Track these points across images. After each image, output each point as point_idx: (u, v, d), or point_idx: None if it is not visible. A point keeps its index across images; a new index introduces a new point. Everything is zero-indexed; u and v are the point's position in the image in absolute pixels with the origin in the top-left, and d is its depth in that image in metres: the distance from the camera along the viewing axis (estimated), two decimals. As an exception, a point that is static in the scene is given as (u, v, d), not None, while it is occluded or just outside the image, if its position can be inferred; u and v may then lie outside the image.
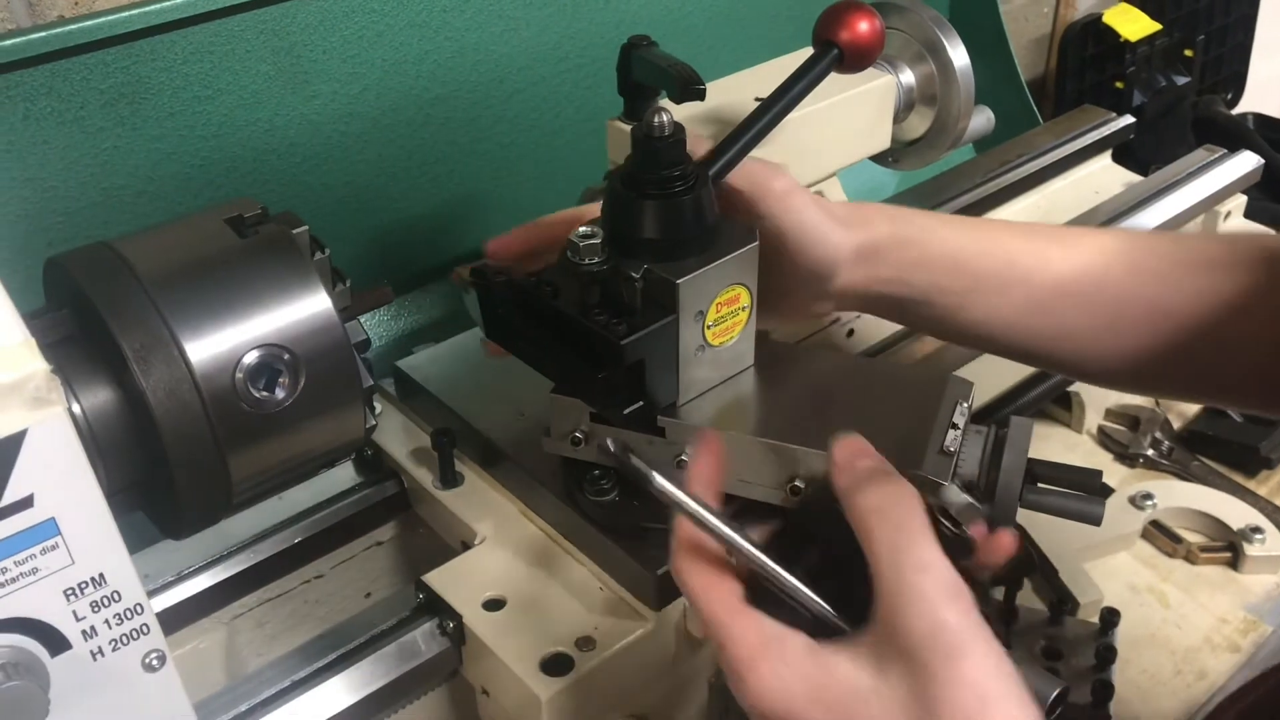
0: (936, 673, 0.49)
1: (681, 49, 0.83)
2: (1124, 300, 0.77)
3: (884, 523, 0.53)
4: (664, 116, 0.68)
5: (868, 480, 0.55)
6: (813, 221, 0.74)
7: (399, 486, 0.89)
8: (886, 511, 0.53)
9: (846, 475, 0.56)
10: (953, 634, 0.50)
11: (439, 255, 1.09)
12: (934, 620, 0.50)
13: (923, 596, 0.50)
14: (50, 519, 0.48)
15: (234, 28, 0.90)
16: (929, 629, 0.50)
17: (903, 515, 0.53)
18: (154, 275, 0.59)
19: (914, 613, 0.50)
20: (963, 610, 0.50)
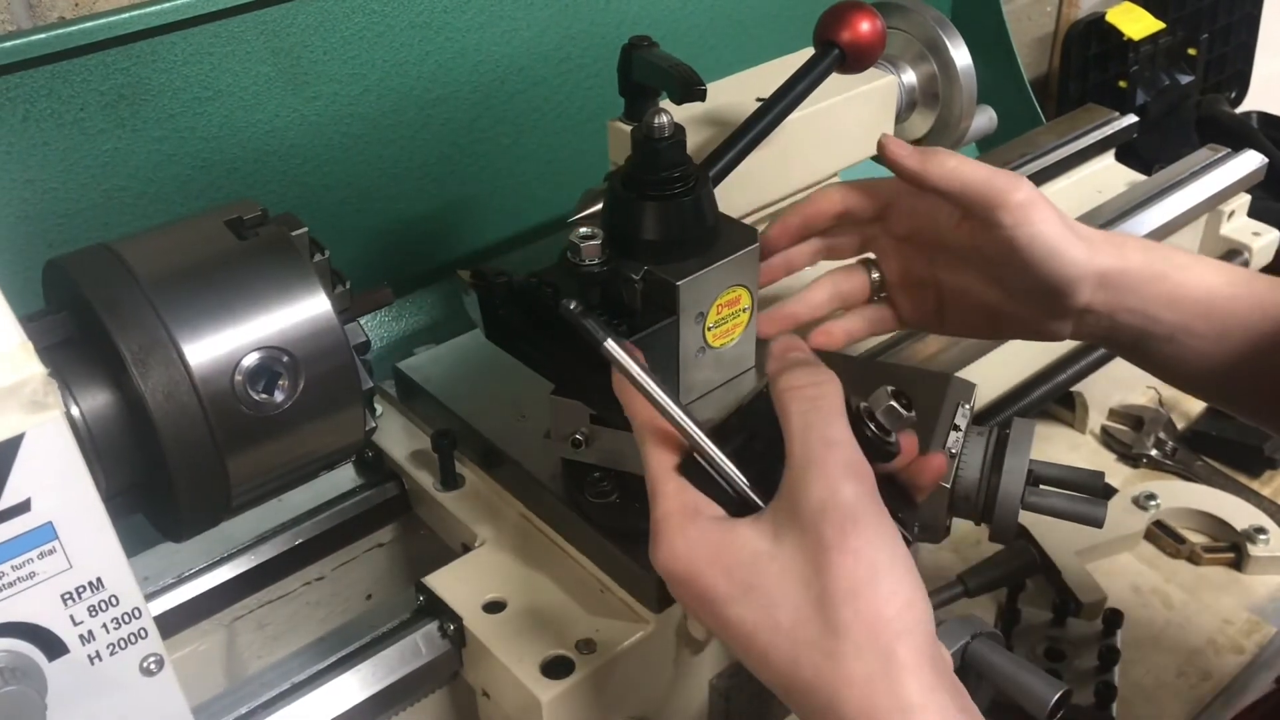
0: (829, 541, 0.51)
1: (683, 49, 0.83)
2: None
3: (799, 399, 0.55)
4: (664, 118, 0.68)
5: (794, 365, 0.58)
6: (1054, 235, 0.73)
7: (400, 488, 0.89)
8: (804, 389, 0.56)
9: (775, 362, 0.60)
10: (847, 506, 0.52)
11: (440, 256, 1.09)
12: (831, 491, 0.52)
13: (824, 469, 0.53)
14: (47, 523, 0.48)
15: (234, 29, 0.90)
16: (825, 499, 0.52)
17: (818, 394, 0.56)
18: (153, 277, 0.59)
19: (814, 483, 0.52)
20: (860, 487, 0.53)
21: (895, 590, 0.51)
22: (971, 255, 0.77)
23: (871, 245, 0.83)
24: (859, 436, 0.56)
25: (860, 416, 0.57)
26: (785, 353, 0.60)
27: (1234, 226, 1.25)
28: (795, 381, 0.56)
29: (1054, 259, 0.73)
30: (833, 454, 0.53)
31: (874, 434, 0.57)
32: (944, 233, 0.78)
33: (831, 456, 0.53)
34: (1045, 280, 0.73)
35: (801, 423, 0.55)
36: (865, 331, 0.84)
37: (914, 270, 0.81)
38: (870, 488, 0.53)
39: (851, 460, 0.53)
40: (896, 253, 0.82)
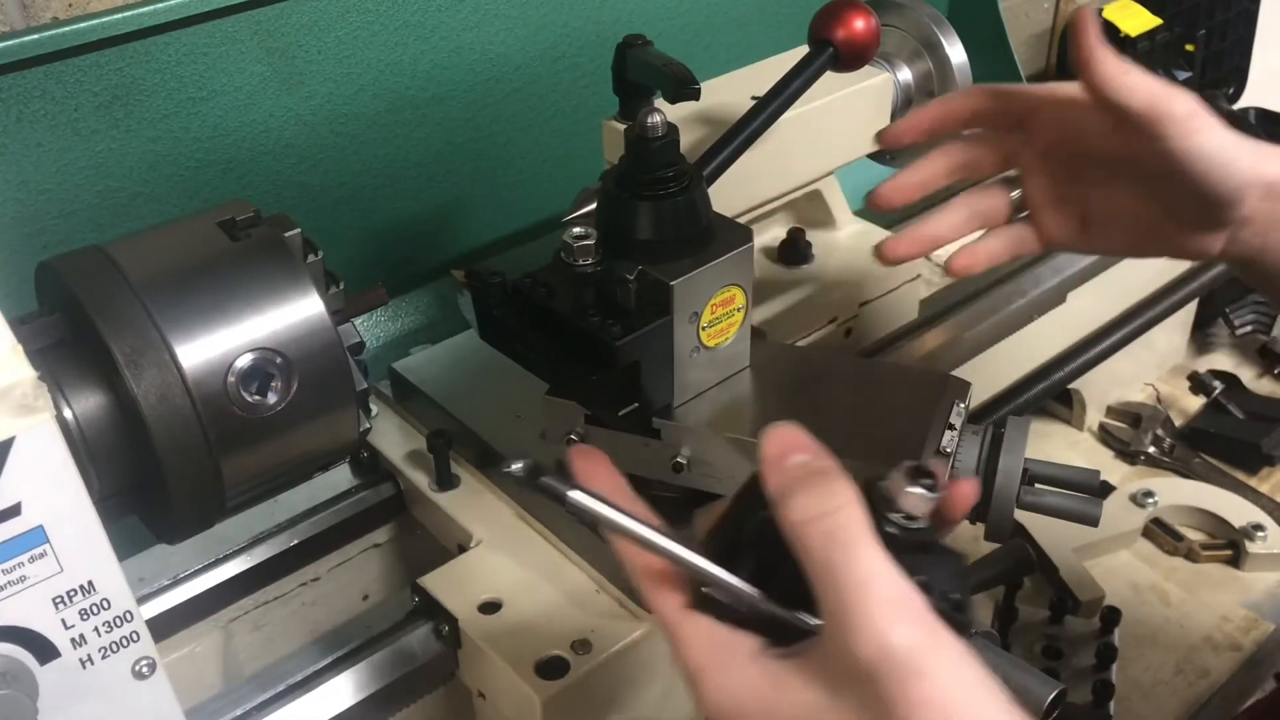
0: (892, 697, 0.45)
1: (677, 48, 0.83)
2: None
3: (813, 535, 0.48)
4: (657, 117, 0.68)
5: (796, 485, 0.49)
6: (1221, 143, 0.69)
7: (395, 489, 0.89)
8: (818, 522, 0.48)
9: (774, 476, 0.50)
10: (902, 656, 0.45)
11: (436, 255, 1.09)
12: (880, 644, 0.45)
13: (865, 617, 0.46)
14: (38, 527, 0.48)
15: (228, 29, 0.89)
16: (876, 653, 0.45)
17: (834, 526, 0.47)
18: (145, 279, 0.59)
19: (858, 636, 0.46)
20: (912, 624, 0.46)
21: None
22: (1124, 167, 0.73)
23: (1012, 161, 0.79)
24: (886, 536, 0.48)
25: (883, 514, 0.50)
26: (782, 458, 0.50)
27: (1231, 223, 1.25)
28: (805, 513, 0.48)
29: (1220, 168, 0.69)
30: (869, 597, 0.46)
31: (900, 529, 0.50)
32: (1093, 144, 0.74)
33: (870, 600, 0.46)
34: (1209, 190, 0.70)
35: (824, 565, 0.47)
36: (1007, 253, 0.80)
37: (1058, 185, 0.77)
38: (920, 619, 0.46)
39: (892, 599, 0.46)
40: (1039, 167, 0.78)
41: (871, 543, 0.47)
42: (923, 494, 0.49)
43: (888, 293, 0.97)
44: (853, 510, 0.48)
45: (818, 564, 0.47)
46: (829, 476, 0.49)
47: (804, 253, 0.96)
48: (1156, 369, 1.33)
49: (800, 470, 0.49)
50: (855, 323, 0.95)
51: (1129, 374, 1.28)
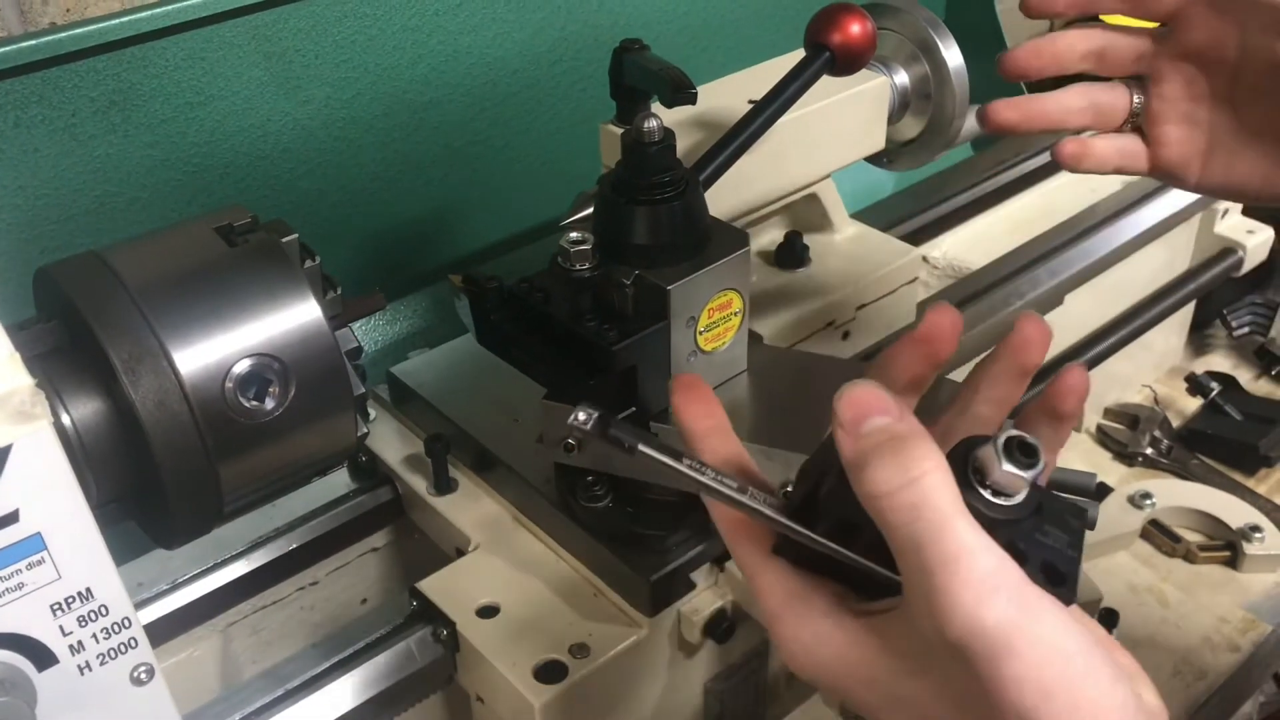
0: (984, 674, 0.42)
1: (674, 52, 0.83)
2: None
3: (897, 509, 0.44)
4: (653, 122, 0.68)
5: (874, 453, 0.45)
6: None
7: (393, 493, 0.89)
8: (900, 495, 0.44)
9: (850, 443, 0.46)
10: (993, 635, 0.42)
11: (434, 259, 1.09)
12: (971, 623, 0.42)
13: (952, 597, 0.42)
14: (36, 534, 0.47)
15: (226, 34, 0.89)
16: (966, 633, 0.42)
17: (918, 499, 0.43)
18: (143, 285, 0.59)
19: (947, 615, 0.43)
20: (1004, 601, 0.42)
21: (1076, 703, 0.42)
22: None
23: (1147, 62, 0.72)
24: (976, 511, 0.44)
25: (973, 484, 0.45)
26: (859, 423, 0.46)
27: (1228, 224, 1.25)
28: (885, 485, 0.44)
29: None
30: (959, 574, 0.42)
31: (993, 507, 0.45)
32: (1252, 47, 0.67)
33: (958, 578, 0.42)
34: None
35: (909, 537, 0.43)
36: (1115, 163, 0.75)
37: (1194, 98, 0.71)
38: (1015, 593, 0.43)
39: (982, 574, 0.42)
40: (1177, 73, 0.71)
41: (959, 514, 0.43)
42: (1018, 474, 0.44)
43: (885, 295, 0.97)
44: (937, 478, 0.44)
45: (901, 539, 0.44)
46: (910, 441, 0.45)
47: (801, 256, 0.96)
48: (1154, 370, 1.33)
49: (879, 435, 0.45)
50: (853, 325, 0.95)
51: (1127, 375, 1.28)
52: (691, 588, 0.76)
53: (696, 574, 0.76)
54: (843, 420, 0.46)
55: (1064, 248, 1.11)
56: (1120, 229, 1.14)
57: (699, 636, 0.75)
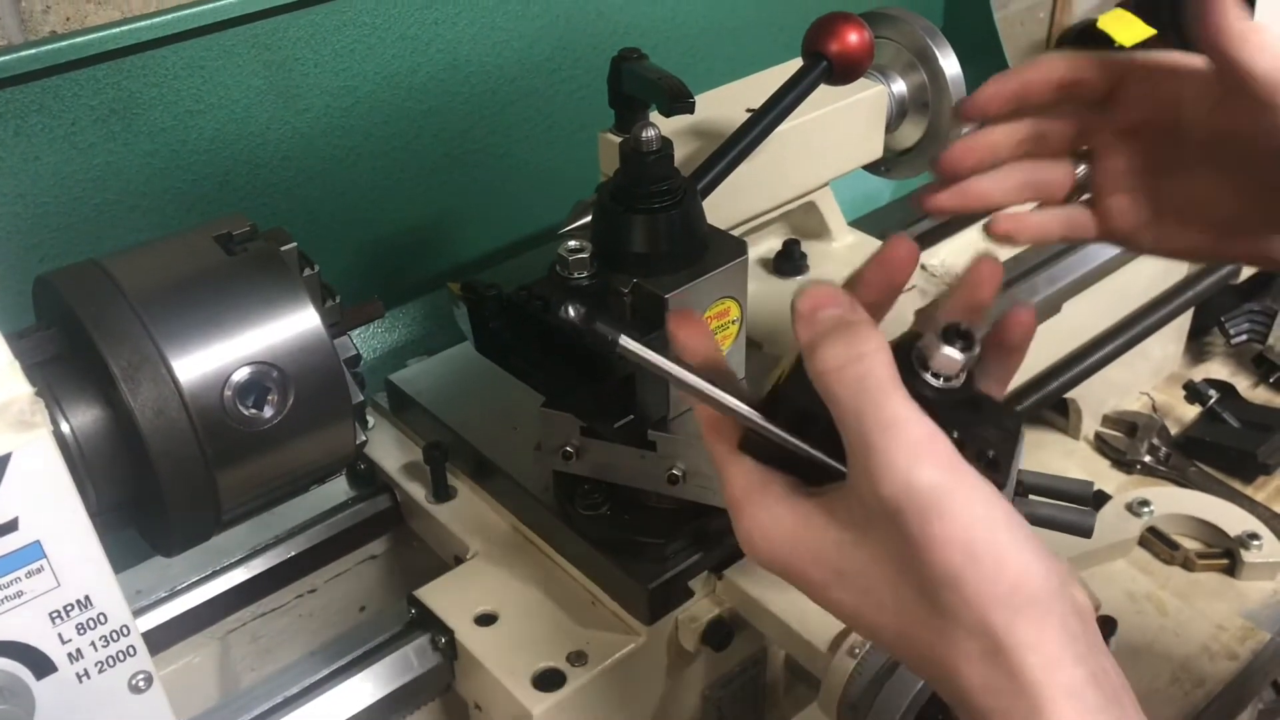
0: (914, 535, 0.47)
1: (672, 61, 0.83)
2: None
3: (842, 381, 0.49)
4: (651, 131, 0.68)
5: (827, 335, 0.50)
6: None
7: (392, 500, 0.89)
8: (844, 369, 0.49)
9: (806, 328, 0.51)
10: (925, 494, 0.46)
11: (433, 267, 1.09)
12: (904, 483, 0.47)
13: (889, 459, 0.47)
14: (35, 542, 0.48)
15: (225, 42, 0.90)
16: (899, 492, 0.47)
17: (862, 370, 0.48)
18: (142, 293, 0.59)
19: (882, 476, 0.47)
20: (935, 467, 0.47)
21: (1000, 567, 0.46)
22: (1222, 150, 0.66)
23: (1088, 137, 0.72)
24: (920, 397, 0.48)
25: (915, 371, 0.51)
26: (814, 311, 0.51)
27: (1224, 232, 1.25)
28: (833, 361, 0.49)
29: None
30: (894, 439, 0.47)
31: (934, 390, 0.50)
32: (1190, 120, 0.67)
33: (894, 442, 0.47)
34: None
35: (852, 408, 0.48)
36: (1059, 233, 0.74)
37: (1136, 168, 0.70)
38: (946, 460, 0.47)
39: (917, 440, 0.47)
40: (1119, 145, 0.70)
41: (898, 388, 0.48)
42: (953, 355, 0.50)
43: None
44: (879, 356, 0.49)
45: (845, 409, 0.48)
46: (857, 326, 0.50)
47: (799, 264, 0.97)
48: (1152, 378, 1.33)
49: (830, 322, 0.50)
50: (851, 334, 0.95)
51: (1125, 383, 1.28)
52: (689, 595, 0.76)
53: (694, 582, 0.77)
54: (800, 311, 0.52)
55: (1062, 255, 1.11)
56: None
57: (697, 644, 0.76)
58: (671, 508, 0.76)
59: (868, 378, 0.48)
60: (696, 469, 0.73)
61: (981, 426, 0.51)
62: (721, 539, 0.77)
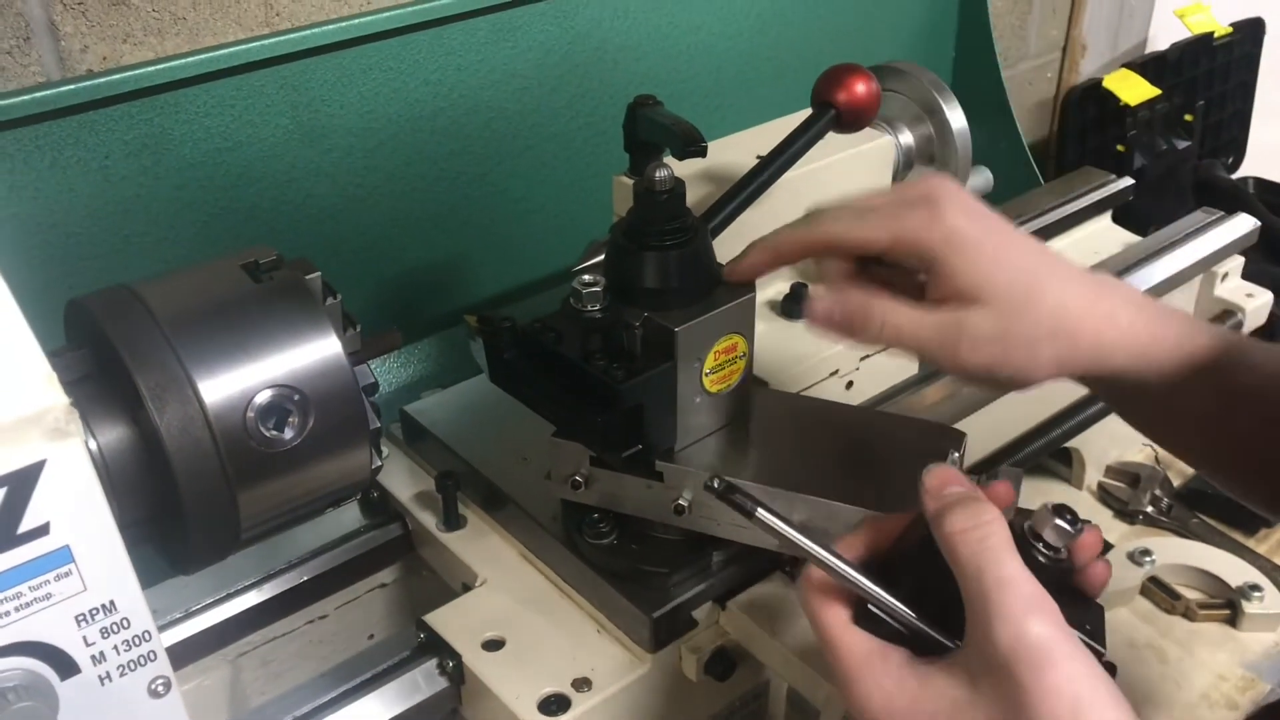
0: (1026, 684, 0.51)
1: (687, 109, 0.86)
2: None
3: (966, 543, 0.55)
4: (664, 172, 0.70)
5: (953, 505, 0.57)
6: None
7: (403, 529, 0.91)
8: (969, 532, 0.56)
9: (934, 501, 0.59)
10: (1036, 646, 0.51)
11: (449, 304, 1.11)
12: (1017, 634, 0.52)
13: (1005, 611, 0.52)
14: (65, 546, 0.50)
15: (255, 83, 0.93)
16: (1013, 642, 0.52)
17: (984, 534, 0.55)
18: (171, 317, 0.61)
19: (998, 627, 0.52)
20: (1046, 622, 0.52)
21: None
22: None
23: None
24: (1031, 562, 0.56)
25: (1027, 539, 0.59)
26: (942, 489, 0.59)
27: (1228, 288, 1.27)
28: (958, 525, 0.56)
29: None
30: (1010, 594, 0.53)
31: (1046, 557, 0.59)
32: None
33: (1009, 597, 0.53)
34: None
35: (973, 567, 0.55)
36: None
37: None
38: (1055, 619, 0.53)
39: (1030, 596, 0.53)
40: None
41: (1013, 551, 0.55)
42: (1064, 527, 0.58)
43: (888, 347, 0.99)
44: (999, 525, 0.56)
45: (966, 567, 0.55)
46: (980, 501, 0.58)
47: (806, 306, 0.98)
48: (1155, 430, 1.34)
49: (956, 496, 0.58)
50: (856, 375, 0.97)
51: (1128, 434, 1.28)
52: (693, 625, 0.77)
53: (698, 612, 0.78)
54: (928, 487, 0.60)
55: (1066, 306, 1.13)
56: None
57: (699, 674, 0.77)
58: (677, 538, 0.77)
59: (988, 539, 0.55)
60: (702, 500, 0.74)
61: (1077, 607, 0.59)
62: (725, 570, 0.78)
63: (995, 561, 0.54)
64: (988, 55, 1.44)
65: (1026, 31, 1.72)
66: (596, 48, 1.12)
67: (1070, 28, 1.79)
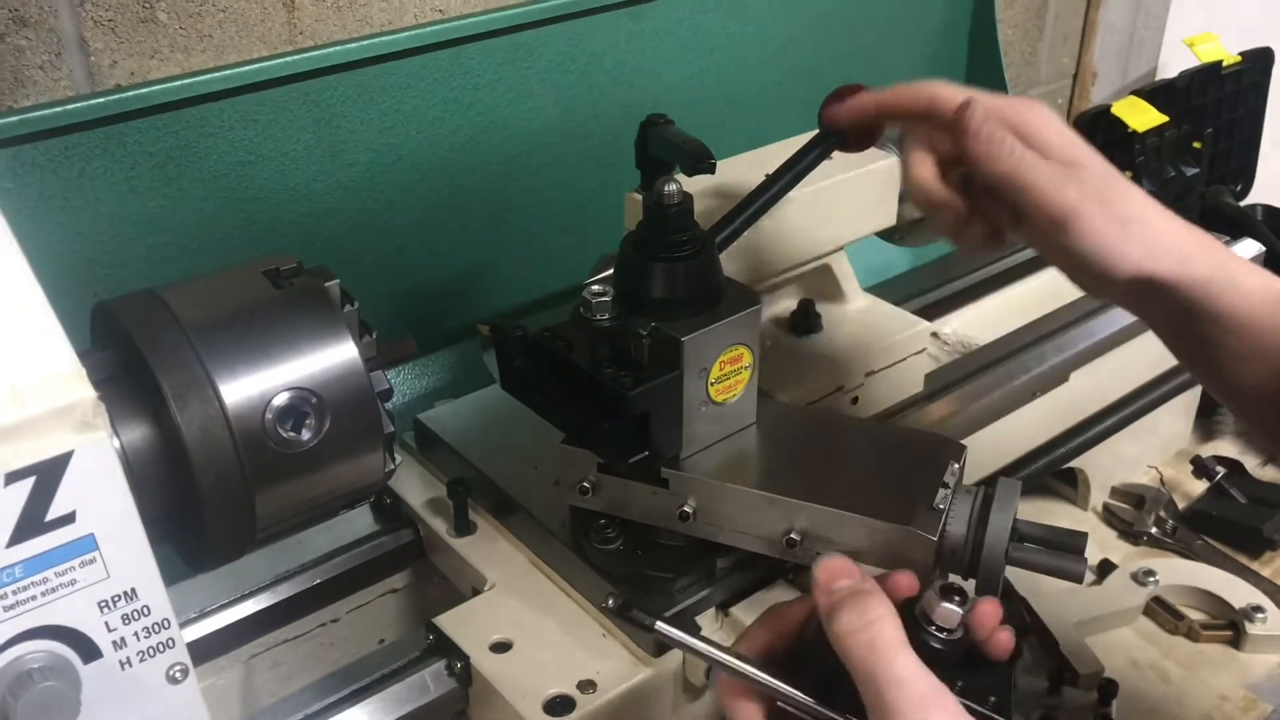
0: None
1: (700, 129, 0.87)
2: None
3: (857, 645, 0.57)
4: (673, 185, 0.72)
5: (842, 603, 0.58)
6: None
7: (415, 534, 0.92)
8: (857, 634, 0.57)
9: (824, 597, 0.60)
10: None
11: (463, 316, 1.13)
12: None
13: (901, 712, 0.54)
14: (90, 534, 0.51)
15: (278, 98, 0.95)
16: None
17: (873, 635, 0.56)
18: (194, 320, 0.63)
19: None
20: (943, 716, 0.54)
21: None
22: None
23: None
24: (923, 648, 0.58)
25: (919, 624, 0.60)
26: (830, 583, 0.60)
27: (1233, 311, 1.28)
28: (847, 625, 0.57)
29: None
30: (904, 693, 0.54)
31: (939, 640, 0.60)
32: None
33: (904, 697, 0.54)
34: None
35: (866, 669, 0.56)
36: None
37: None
38: (952, 711, 0.55)
39: (923, 695, 0.54)
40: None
41: (905, 649, 0.56)
42: (952, 609, 0.59)
43: (894, 364, 1.01)
44: (887, 622, 0.57)
45: (860, 669, 0.56)
46: (868, 596, 0.58)
47: (814, 323, 1.00)
48: (1160, 452, 1.35)
49: (844, 591, 0.59)
50: (861, 391, 0.99)
51: (1133, 456, 1.31)
52: (697, 631, 0.79)
53: (702, 618, 0.79)
54: (819, 581, 0.61)
55: (1071, 326, 1.14)
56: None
57: (703, 679, 0.78)
58: (682, 544, 0.79)
59: (878, 639, 0.56)
60: (706, 507, 0.76)
61: (982, 675, 0.61)
62: (729, 576, 0.80)
63: (886, 662, 0.55)
64: (998, 82, 1.46)
65: (1038, 58, 1.74)
66: (611, 69, 1.14)
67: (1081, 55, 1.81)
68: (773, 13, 1.25)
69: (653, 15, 1.15)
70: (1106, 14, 1.77)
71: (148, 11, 0.93)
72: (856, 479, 0.77)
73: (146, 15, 0.94)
